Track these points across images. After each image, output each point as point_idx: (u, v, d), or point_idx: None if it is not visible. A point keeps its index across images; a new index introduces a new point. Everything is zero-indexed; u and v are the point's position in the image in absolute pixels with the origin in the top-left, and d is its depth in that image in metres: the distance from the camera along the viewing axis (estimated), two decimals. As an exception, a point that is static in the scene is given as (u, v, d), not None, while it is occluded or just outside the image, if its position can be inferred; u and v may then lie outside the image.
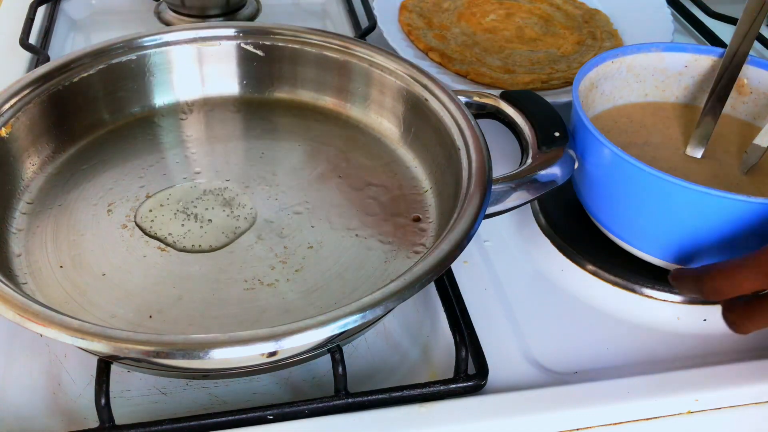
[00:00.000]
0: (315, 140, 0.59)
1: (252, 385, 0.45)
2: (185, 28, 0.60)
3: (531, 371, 0.46)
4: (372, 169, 0.56)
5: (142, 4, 0.82)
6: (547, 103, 0.53)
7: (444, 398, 0.43)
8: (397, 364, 0.47)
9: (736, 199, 0.44)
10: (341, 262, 0.49)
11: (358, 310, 0.38)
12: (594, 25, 0.77)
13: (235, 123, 0.60)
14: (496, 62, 0.70)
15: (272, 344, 0.37)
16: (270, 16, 0.81)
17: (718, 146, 0.55)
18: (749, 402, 0.45)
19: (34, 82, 0.53)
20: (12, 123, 0.51)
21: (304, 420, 0.42)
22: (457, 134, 0.51)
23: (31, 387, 0.44)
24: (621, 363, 0.47)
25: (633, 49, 0.57)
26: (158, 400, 0.44)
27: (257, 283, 0.47)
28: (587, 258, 0.53)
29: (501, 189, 0.48)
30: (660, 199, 0.47)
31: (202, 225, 0.51)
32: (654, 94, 0.58)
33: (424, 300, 0.51)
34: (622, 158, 0.47)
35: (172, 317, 0.45)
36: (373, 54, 0.58)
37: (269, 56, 0.61)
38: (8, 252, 0.48)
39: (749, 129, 0.57)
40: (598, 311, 0.51)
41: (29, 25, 0.74)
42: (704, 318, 0.51)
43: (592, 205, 0.53)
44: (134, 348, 0.37)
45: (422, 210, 0.53)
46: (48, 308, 0.39)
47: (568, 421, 0.43)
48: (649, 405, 0.44)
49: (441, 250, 0.42)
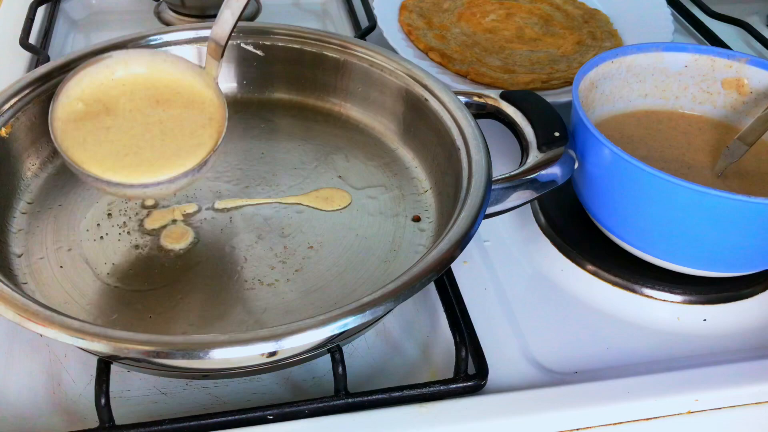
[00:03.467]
0: (315, 140, 0.59)
1: (252, 385, 0.45)
2: (185, 28, 0.60)
3: (531, 371, 0.46)
4: (372, 169, 0.56)
5: (142, 4, 0.82)
6: (547, 103, 0.53)
7: (444, 398, 0.43)
8: (397, 364, 0.47)
9: (736, 199, 0.44)
10: (341, 262, 0.49)
11: (358, 310, 0.38)
12: (594, 25, 0.77)
13: (235, 123, 0.60)
14: (496, 62, 0.70)
15: (272, 344, 0.37)
16: (270, 16, 0.81)
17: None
18: (749, 402, 0.45)
19: (34, 82, 0.53)
20: (12, 123, 0.51)
21: (304, 420, 0.42)
22: (457, 134, 0.51)
23: (31, 387, 0.44)
24: (621, 363, 0.47)
25: (633, 49, 0.57)
26: (158, 400, 0.44)
27: (257, 283, 0.47)
28: (587, 258, 0.53)
29: (501, 189, 0.48)
30: (660, 199, 0.47)
31: (202, 225, 0.51)
32: (654, 94, 0.58)
33: (424, 300, 0.51)
34: (622, 158, 0.47)
35: (172, 317, 0.45)
36: (373, 54, 0.58)
37: (269, 56, 0.61)
38: (8, 252, 0.48)
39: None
40: (598, 311, 0.51)
41: (29, 25, 0.74)
42: (704, 318, 0.51)
43: (592, 205, 0.53)
44: (134, 348, 0.37)
45: (422, 210, 0.53)
46: (48, 308, 0.39)
47: (568, 421, 0.43)
48: (649, 405, 0.44)
49: (441, 250, 0.42)
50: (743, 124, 0.57)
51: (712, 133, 0.57)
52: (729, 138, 0.56)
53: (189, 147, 0.45)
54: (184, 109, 0.46)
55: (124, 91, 0.47)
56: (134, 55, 0.49)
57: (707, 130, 0.57)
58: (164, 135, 0.45)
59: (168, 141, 0.45)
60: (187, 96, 0.47)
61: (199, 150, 0.45)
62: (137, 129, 0.45)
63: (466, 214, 0.44)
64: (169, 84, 0.47)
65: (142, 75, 0.47)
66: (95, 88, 0.46)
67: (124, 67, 0.48)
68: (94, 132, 0.45)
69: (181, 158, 0.45)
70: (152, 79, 0.47)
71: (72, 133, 0.45)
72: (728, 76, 0.57)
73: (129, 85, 0.47)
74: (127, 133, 0.45)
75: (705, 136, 0.57)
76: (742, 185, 0.52)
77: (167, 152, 0.45)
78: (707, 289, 0.51)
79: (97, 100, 0.46)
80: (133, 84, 0.47)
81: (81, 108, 0.45)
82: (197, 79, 0.48)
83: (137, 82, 0.47)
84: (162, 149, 0.45)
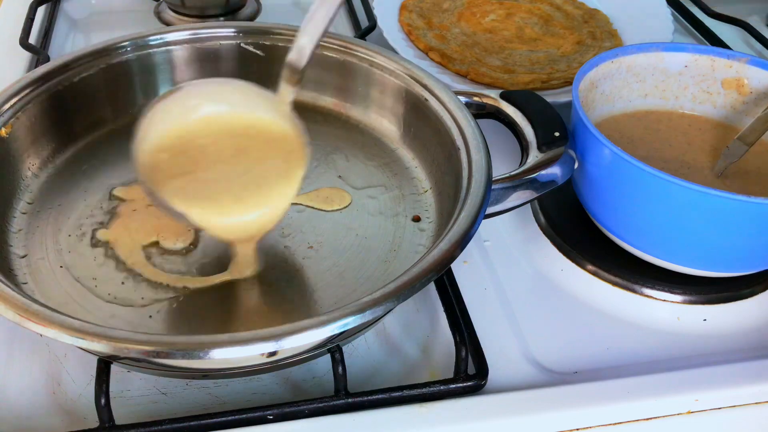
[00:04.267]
0: (315, 140, 0.58)
1: (252, 385, 0.45)
2: (185, 28, 0.60)
3: (531, 371, 0.46)
4: (372, 169, 0.56)
5: (142, 4, 0.82)
6: (547, 103, 0.53)
7: (444, 398, 0.43)
8: (397, 364, 0.47)
9: (736, 199, 0.44)
10: (341, 262, 0.49)
11: (358, 310, 0.38)
12: (594, 25, 0.77)
13: (235, 123, 0.60)
14: (496, 62, 0.70)
15: (272, 344, 0.37)
16: (270, 16, 0.81)
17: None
18: (749, 402, 0.45)
19: (34, 82, 0.53)
20: (12, 123, 0.51)
21: (304, 420, 0.42)
22: (457, 134, 0.51)
23: (31, 387, 0.44)
24: (621, 363, 0.47)
25: (633, 49, 0.57)
26: (158, 400, 0.44)
27: (257, 283, 0.47)
28: (587, 258, 0.53)
29: (501, 189, 0.48)
30: (660, 199, 0.47)
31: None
32: (654, 94, 0.58)
33: (424, 300, 0.51)
34: (622, 158, 0.47)
35: (172, 317, 0.45)
36: (373, 54, 0.58)
37: (269, 56, 0.61)
38: (8, 252, 0.48)
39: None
40: (598, 311, 0.51)
41: (29, 25, 0.74)
42: (704, 318, 0.51)
43: (592, 205, 0.53)
44: (134, 348, 0.37)
45: (422, 210, 0.53)
46: (48, 308, 0.39)
47: (568, 421, 0.43)
48: (649, 405, 0.44)
49: (441, 250, 0.42)
50: (743, 124, 0.57)
51: (712, 133, 0.57)
52: (729, 138, 0.56)
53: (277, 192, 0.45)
54: (264, 154, 0.45)
55: (206, 140, 0.45)
56: (204, 87, 0.48)
57: (707, 130, 0.57)
58: (247, 186, 0.44)
59: (254, 189, 0.44)
60: (265, 137, 0.46)
61: (286, 189, 0.45)
62: (226, 178, 0.44)
63: (466, 214, 0.44)
64: (245, 125, 0.46)
65: (219, 117, 0.46)
66: (175, 135, 0.45)
67: (199, 107, 0.46)
68: (189, 182, 0.44)
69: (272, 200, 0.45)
70: (229, 121, 0.46)
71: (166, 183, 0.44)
72: (728, 76, 0.57)
73: (208, 130, 0.45)
74: (218, 182, 0.44)
75: (705, 136, 0.57)
76: (742, 185, 0.52)
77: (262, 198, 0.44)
78: (707, 289, 0.51)
79: (182, 152, 0.45)
80: (214, 130, 0.45)
81: (165, 158, 0.44)
82: (271, 111, 0.47)
83: (217, 128, 0.46)
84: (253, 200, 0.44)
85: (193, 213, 0.43)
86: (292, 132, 0.46)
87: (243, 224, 0.44)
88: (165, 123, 0.45)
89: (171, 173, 0.44)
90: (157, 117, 0.46)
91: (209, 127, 0.46)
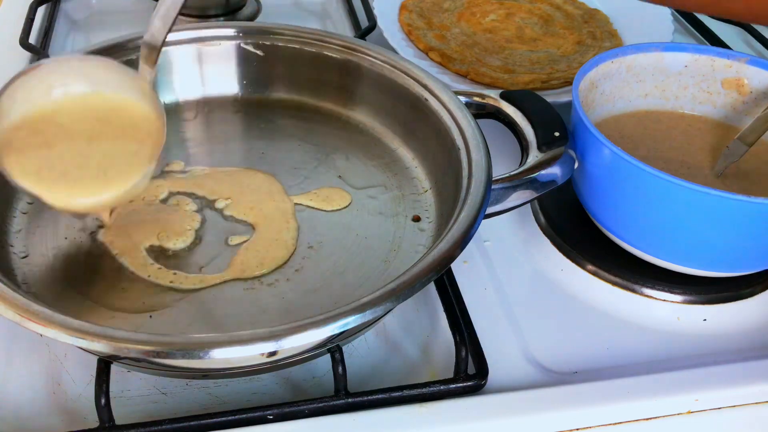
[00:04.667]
0: (315, 140, 0.59)
1: (252, 385, 0.45)
2: (185, 28, 0.60)
3: (531, 371, 0.46)
4: (372, 169, 0.56)
5: (142, 4, 0.82)
6: (547, 103, 0.53)
7: (444, 398, 0.43)
8: (397, 364, 0.47)
9: (736, 199, 0.44)
10: (341, 262, 0.49)
11: (358, 310, 0.38)
12: (594, 25, 0.77)
13: (235, 123, 0.60)
14: (496, 62, 0.70)
15: (272, 344, 0.37)
16: (270, 16, 0.81)
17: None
18: (749, 402, 0.45)
19: (34, 82, 0.53)
20: (12, 123, 0.51)
21: (304, 420, 0.42)
22: (457, 134, 0.51)
23: (31, 387, 0.44)
24: (621, 363, 0.47)
25: (633, 49, 0.57)
26: (158, 400, 0.44)
27: (257, 283, 0.47)
28: (587, 258, 0.53)
29: (501, 189, 0.48)
30: (660, 199, 0.47)
31: (201, 224, 0.51)
32: (654, 94, 0.58)
33: (424, 300, 0.51)
34: (622, 158, 0.47)
35: (172, 317, 0.45)
36: (373, 54, 0.58)
37: (269, 56, 0.61)
38: (8, 252, 0.48)
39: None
40: (598, 311, 0.51)
41: (29, 25, 0.74)
42: (704, 318, 0.51)
43: (592, 205, 0.53)
44: (134, 348, 0.37)
45: (422, 210, 0.53)
46: (48, 308, 0.39)
47: (568, 421, 0.43)
48: (649, 405, 0.44)
49: (441, 250, 0.42)
50: (743, 124, 0.57)
51: (712, 133, 0.57)
52: (729, 138, 0.56)
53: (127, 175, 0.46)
54: (119, 138, 0.46)
55: (65, 119, 0.46)
56: (66, 66, 0.47)
57: (707, 130, 0.57)
58: (103, 168, 0.46)
59: (109, 172, 0.46)
60: (123, 119, 0.47)
61: (134, 174, 0.46)
62: (78, 159, 0.45)
63: (466, 214, 0.44)
64: (105, 106, 0.46)
65: (81, 96, 0.47)
66: (33, 112, 0.46)
67: (61, 85, 0.46)
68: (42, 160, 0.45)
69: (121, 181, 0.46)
70: (91, 100, 0.47)
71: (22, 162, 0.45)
72: (728, 76, 0.57)
73: (69, 108, 0.46)
74: (70, 163, 0.45)
75: (705, 136, 0.57)
76: (742, 185, 0.52)
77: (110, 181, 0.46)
78: (707, 289, 0.51)
79: (37, 131, 0.45)
80: (75, 108, 0.46)
81: (22, 136, 0.45)
82: (131, 90, 0.47)
83: (78, 106, 0.46)
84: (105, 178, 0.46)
85: (32, 190, 0.44)
86: (152, 114, 0.47)
87: (83, 204, 0.46)
88: (26, 101, 0.46)
89: (23, 151, 0.45)
90: (18, 94, 0.46)
91: (71, 105, 0.46)
